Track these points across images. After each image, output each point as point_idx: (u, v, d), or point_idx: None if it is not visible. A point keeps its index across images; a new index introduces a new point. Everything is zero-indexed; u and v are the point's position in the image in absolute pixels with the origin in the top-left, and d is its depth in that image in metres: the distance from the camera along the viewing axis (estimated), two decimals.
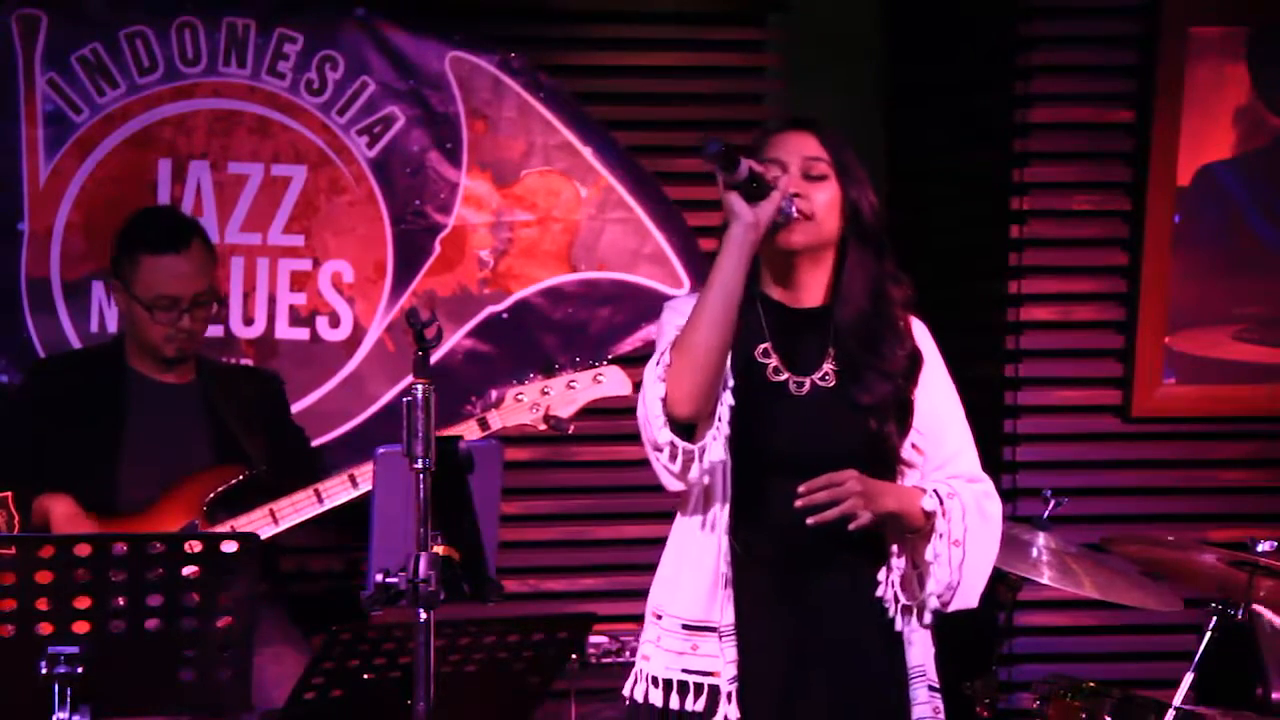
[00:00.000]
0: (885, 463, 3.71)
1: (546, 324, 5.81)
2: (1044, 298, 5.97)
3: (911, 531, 3.70)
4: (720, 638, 3.66)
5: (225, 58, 5.68)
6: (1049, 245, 5.96)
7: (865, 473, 3.65)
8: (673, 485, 3.65)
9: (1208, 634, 4.58)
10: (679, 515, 3.75)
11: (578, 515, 5.77)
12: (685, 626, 3.69)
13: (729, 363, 3.65)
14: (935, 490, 3.70)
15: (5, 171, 5.59)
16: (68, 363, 5.24)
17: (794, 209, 3.66)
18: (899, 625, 3.71)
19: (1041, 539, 4.87)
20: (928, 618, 3.73)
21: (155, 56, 5.65)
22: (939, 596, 3.71)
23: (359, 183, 5.75)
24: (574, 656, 4.55)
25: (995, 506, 3.79)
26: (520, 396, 4.84)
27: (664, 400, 3.58)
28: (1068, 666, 5.56)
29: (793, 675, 3.67)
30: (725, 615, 3.66)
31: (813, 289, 3.74)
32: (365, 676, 4.26)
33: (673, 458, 3.60)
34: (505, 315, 5.81)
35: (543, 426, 4.84)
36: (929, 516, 3.69)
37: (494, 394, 5.75)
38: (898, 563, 3.72)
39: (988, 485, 3.79)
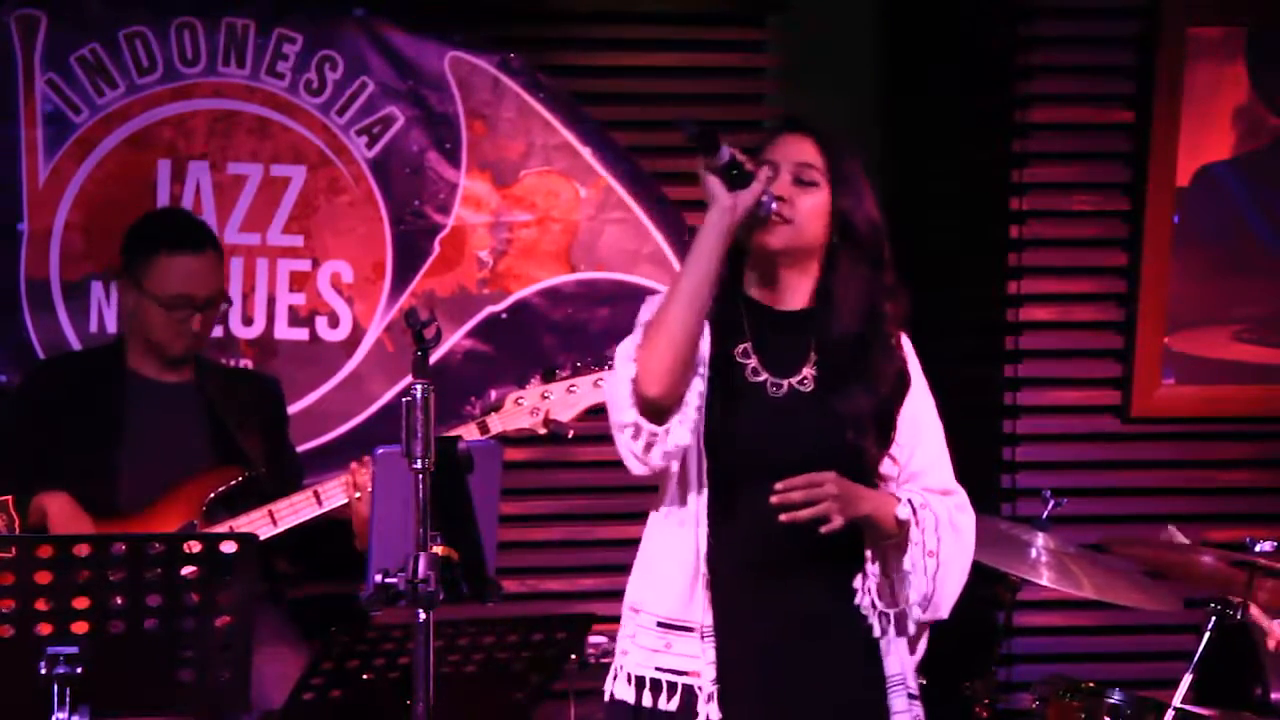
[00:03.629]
0: (860, 473, 3.67)
1: (546, 324, 5.81)
2: (1044, 298, 5.97)
3: (885, 538, 3.67)
4: (701, 638, 3.63)
5: (224, 58, 5.68)
6: (1049, 245, 5.96)
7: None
8: (636, 468, 3.61)
9: (1207, 634, 4.57)
10: (654, 511, 3.72)
11: (578, 515, 5.77)
12: (661, 624, 3.66)
13: (706, 357, 3.64)
14: (909, 499, 3.67)
15: (4, 172, 5.59)
16: (67, 364, 5.24)
17: (773, 208, 3.63)
18: (877, 633, 3.68)
19: (1041, 539, 4.86)
20: (911, 628, 3.71)
21: (154, 57, 5.65)
22: (917, 606, 3.68)
23: (358, 183, 5.75)
24: (573, 656, 4.55)
25: (968, 520, 3.74)
26: (520, 400, 4.83)
27: (634, 379, 3.55)
28: (1067, 667, 5.56)
29: (771, 679, 3.65)
30: (705, 616, 3.63)
31: (797, 293, 3.71)
32: (365, 677, 4.26)
33: (635, 437, 3.57)
34: (504, 315, 5.81)
35: (543, 430, 4.83)
36: (902, 525, 3.65)
37: (493, 394, 5.75)
38: (873, 569, 3.68)
39: (961, 498, 3.75)
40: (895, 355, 3.71)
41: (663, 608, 3.66)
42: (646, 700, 3.66)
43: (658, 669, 3.65)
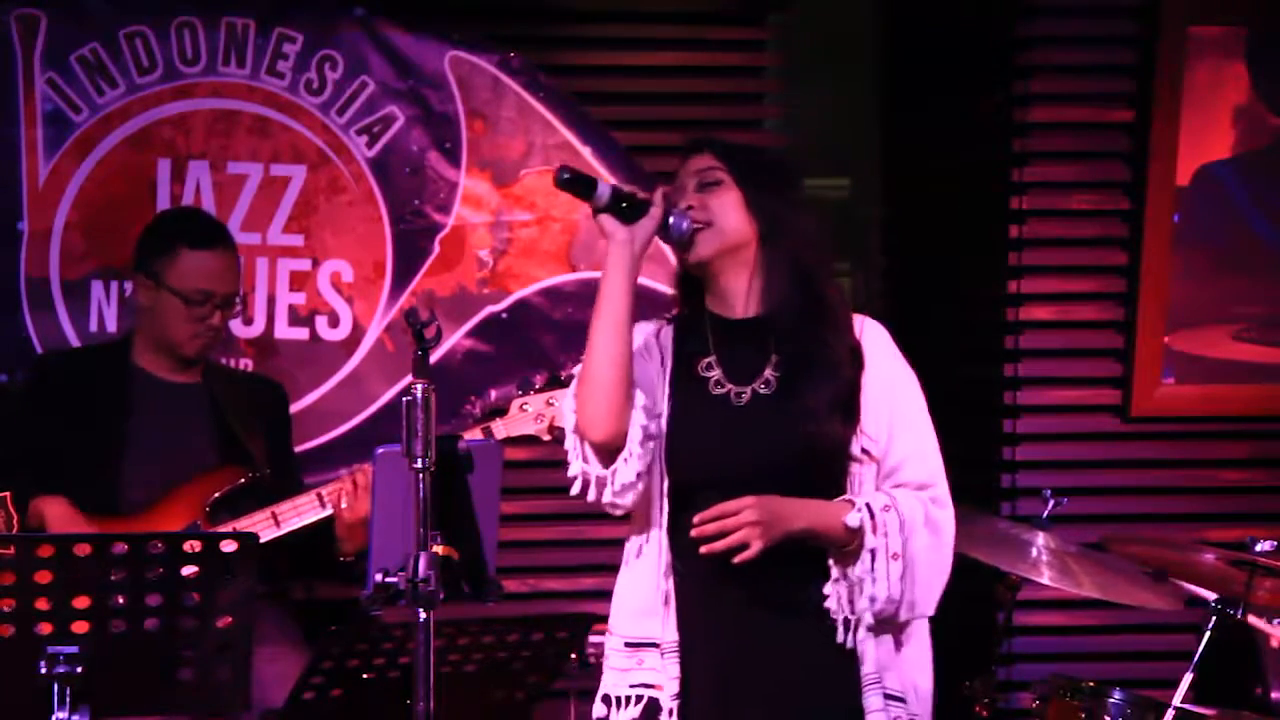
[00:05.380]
0: (829, 464, 3.66)
1: (546, 324, 5.81)
2: (1044, 297, 5.97)
3: (841, 546, 3.65)
4: (663, 654, 3.66)
5: (224, 57, 5.68)
6: (1049, 245, 5.96)
7: (807, 477, 3.64)
8: (590, 496, 3.67)
9: (1207, 634, 4.57)
10: (628, 538, 3.77)
11: (578, 515, 5.76)
12: (628, 644, 3.71)
13: (666, 381, 3.69)
14: (868, 504, 3.64)
15: (4, 171, 5.59)
16: (72, 360, 5.24)
17: (686, 223, 3.67)
18: (840, 637, 3.66)
19: (1041, 539, 4.86)
20: (862, 632, 3.67)
21: (155, 56, 5.66)
22: (875, 610, 3.65)
23: (358, 182, 5.75)
24: (573, 656, 4.54)
25: (943, 513, 3.70)
26: (525, 406, 4.83)
27: (576, 429, 3.61)
28: (1067, 666, 5.56)
29: (733, 690, 3.65)
30: (668, 632, 3.66)
31: (746, 297, 3.73)
32: (365, 676, 4.26)
33: (585, 487, 3.64)
34: (504, 315, 5.81)
35: (547, 437, 4.84)
36: (855, 532, 3.63)
37: (494, 394, 5.77)
38: (837, 575, 3.67)
39: (936, 491, 3.71)
40: (845, 335, 3.70)
41: (628, 627, 3.71)
42: (616, 716, 3.71)
43: (629, 686, 3.70)
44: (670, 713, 3.64)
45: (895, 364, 3.75)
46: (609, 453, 3.63)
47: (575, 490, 3.69)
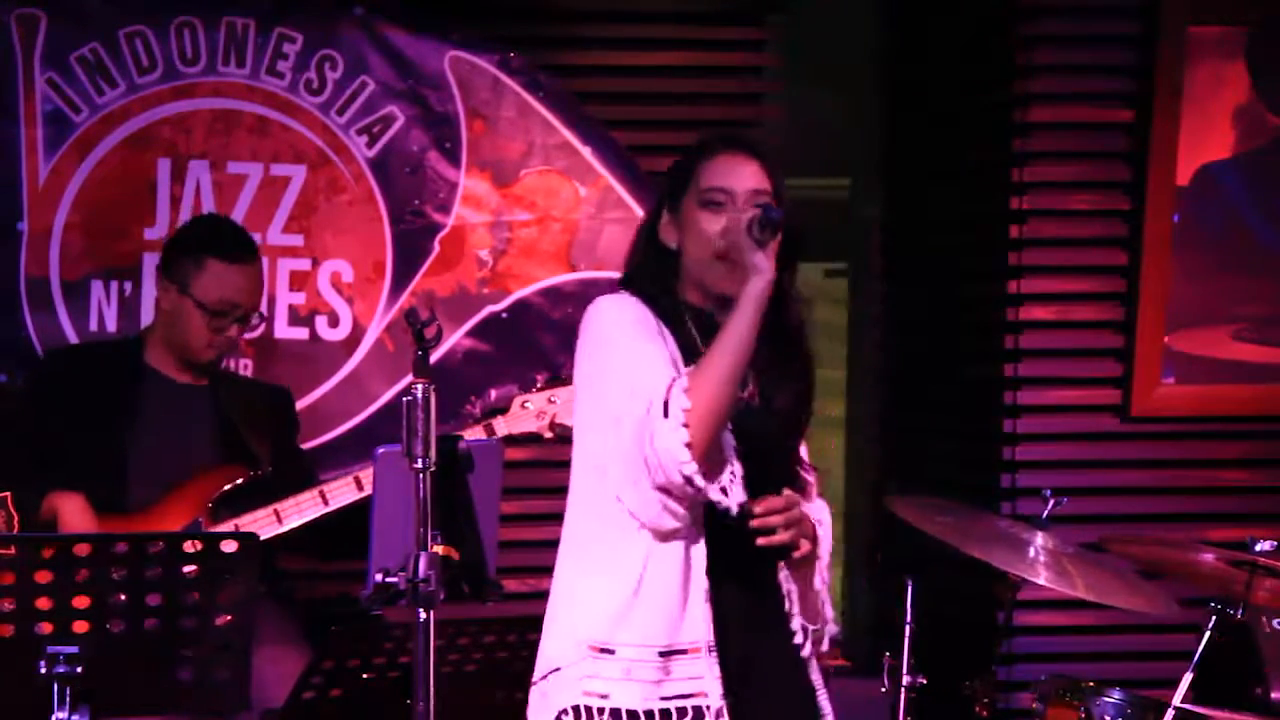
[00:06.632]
0: (798, 470, 3.74)
1: (546, 323, 5.81)
2: (1043, 297, 5.97)
3: (799, 557, 3.67)
4: (707, 651, 3.58)
5: (224, 57, 5.68)
6: (1049, 245, 5.96)
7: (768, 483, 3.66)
8: (669, 525, 3.55)
9: (1207, 634, 4.57)
10: (630, 542, 3.60)
11: None
12: (662, 654, 3.57)
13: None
14: (817, 519, 3.72)
15: (4, 171, 5.59)
16: (82, 356, 5.23)
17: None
18: (797, 639, 3.70)
19: (1040, 539, 4.86)
20: (826, 644, 3.72)
21: (154, 56, 5.66)
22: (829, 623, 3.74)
23: (358, 182, 5.75)
24: None
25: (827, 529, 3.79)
26: (527, 404, 4.84)
27: (689, 446, 3.48)
28: (1067, 666, 5.56)
29: (769, 686, 3.66)
30: (706, 632, 3.58)
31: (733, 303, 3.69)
32: (365, 676, 4.27)
33: (693, 503, 3.54)
34: (504, 315, 5.81)
35: (549, 435, 4.84)
36: (813, 543, 3.68)
37: (494, 394, 5.77)
38: (789, 586, 3.69)
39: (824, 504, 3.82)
40: (808, 353, 3.74)
41: (656, 637, 3.58)
42: None
43: (662, 698, 3.57)
44: (719, 714, 3.57)
45: None
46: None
47: (671, 506, 3.53)
